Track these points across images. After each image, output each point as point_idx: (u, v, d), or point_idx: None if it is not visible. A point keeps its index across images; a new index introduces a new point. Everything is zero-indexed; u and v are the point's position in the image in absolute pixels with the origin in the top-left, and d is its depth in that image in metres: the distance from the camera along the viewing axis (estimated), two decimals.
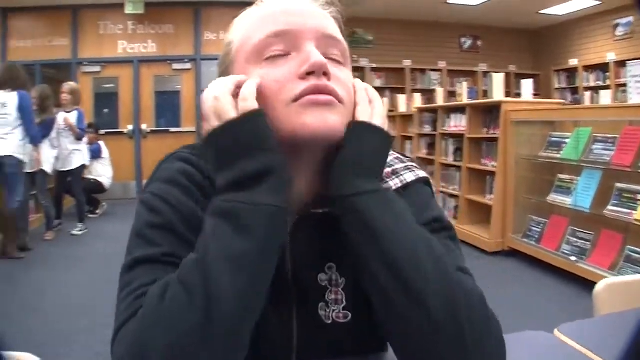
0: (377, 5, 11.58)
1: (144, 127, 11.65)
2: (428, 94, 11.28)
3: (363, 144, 0.95)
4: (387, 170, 1.10)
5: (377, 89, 8.23)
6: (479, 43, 13.66)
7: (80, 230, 7.92)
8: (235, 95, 0.94)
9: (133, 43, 11.69)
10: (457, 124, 7.40)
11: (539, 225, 5.74)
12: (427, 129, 8.49)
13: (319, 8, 1.04)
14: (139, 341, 0.79)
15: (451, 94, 11.52)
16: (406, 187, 1.09)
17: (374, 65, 12.79)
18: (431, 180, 1.15)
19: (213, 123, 0.92)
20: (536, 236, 5.72)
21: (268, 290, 0.86)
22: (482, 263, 6.06)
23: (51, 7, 11.25)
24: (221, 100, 0.93)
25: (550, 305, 4.53)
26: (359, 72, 12.61)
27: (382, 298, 0.88)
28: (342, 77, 0.99)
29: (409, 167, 1.14)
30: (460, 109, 7.35)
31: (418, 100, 9.42)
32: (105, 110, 11.78)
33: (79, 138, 7.73)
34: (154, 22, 11.66)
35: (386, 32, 12.94)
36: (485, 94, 7.38)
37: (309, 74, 0.94)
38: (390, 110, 11.07)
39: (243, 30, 1.04)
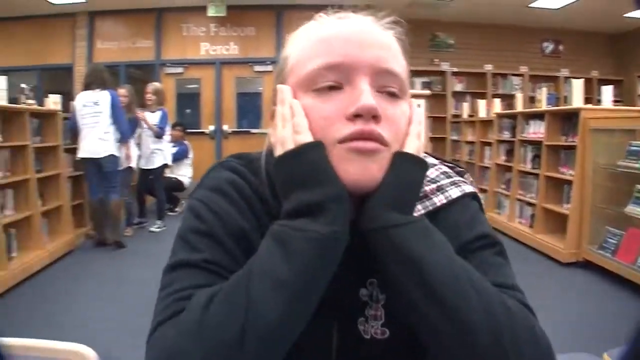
0: (459, 9, 11.48)
1: (225, 127, 11.87)
2: (508, 99, 11.08)
3: (404, 177, 0.95)
4: (432, 186, 1.10)
5: (458, 93, 8.16)
6: (561, 47, 13.24)
7: (159, 228, 8.17)
8: None
9: (215, 45, 11.96)
10: (536, 130, 7.28)
11: (615, 237, 5.56)
12: (506, 135, 8.42)
13: (380, 29, 1.02)
14: (175, 347, 0.83)
15: (532, 100, 11.28)
16: (452, 203, 1.08)
17: (455, 70, 12.59)
18: (479, 194, 1.14)
19: (279, 151, 0.95)
20: (612, 248, 5.55)
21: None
22: (554, 274, 5.97)
23: (135, 10, 11.69)
24: (286, 129, 0.95)
25: (619, 322, 4.38)
26: (440, 76, 12.63)
27: (424, 324, 0.88)
28: (393, 116, 0.97)
29: (456, 182, 1.12)
30: (540, 116, 7.24)
31: (498, 106, 9.24)
32: (188, 111, 12.18)
33: (158, 136, 7.97)
34: (235, 25, 11.88)
35: (468, 36, 12.75)
36: (566, 100, 7.20)
37: (357, 115, 0.92)
38: (470, 115, 10.97)
39: (299, 50, 1.03)
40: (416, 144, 0.98)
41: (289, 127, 0.94)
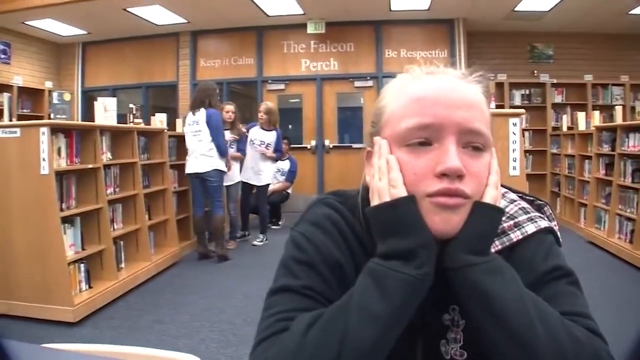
0: (557, 19, 11.27)
1: (326, 142, 12.24)
2: (609, 110, 10.84)
3: (482, 225, 1.05)
4: (510, 223, 1.21)
5: (558, 105, 7.96)
6: None
7: (261, 241, 8.58)
8: None
9: (315, 61, 12.46)
10: (636, 143, 7.25)
11: None
12: (606, 149, 8.36)
13: (467, 85, 1.12)
14: None
15: (633, 110, 11.02)
16: (528, 237, 1.19)
17: (554, 81, 12.52)
18: (555, 228, 1.25)
19: (375, 200, 1.08)
20: None
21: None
22: None
23: (237, 28, 12.34)
24: (383, 181, 1.07)
25: None
26: (539, 87, 12.34)
27: (494, 350, 0.99)
28: (476, 170, 1.07)
29: (532, 218, 1.23)
30: (639, 128, 7.16)
31: (597, 118, 9.09)
32: (290, 126, 12.59)
33: (277, 159, 8.61)
34: (335, 41, 12.38)
35: (567, 46, 12.37)
36: None
37: (444, 174, 1.03)
38: (569, 128, 10.77)
39: (394, 104, 1.14)
40: (494, 194, 1.09)
41: (384, 179, 1.07)
